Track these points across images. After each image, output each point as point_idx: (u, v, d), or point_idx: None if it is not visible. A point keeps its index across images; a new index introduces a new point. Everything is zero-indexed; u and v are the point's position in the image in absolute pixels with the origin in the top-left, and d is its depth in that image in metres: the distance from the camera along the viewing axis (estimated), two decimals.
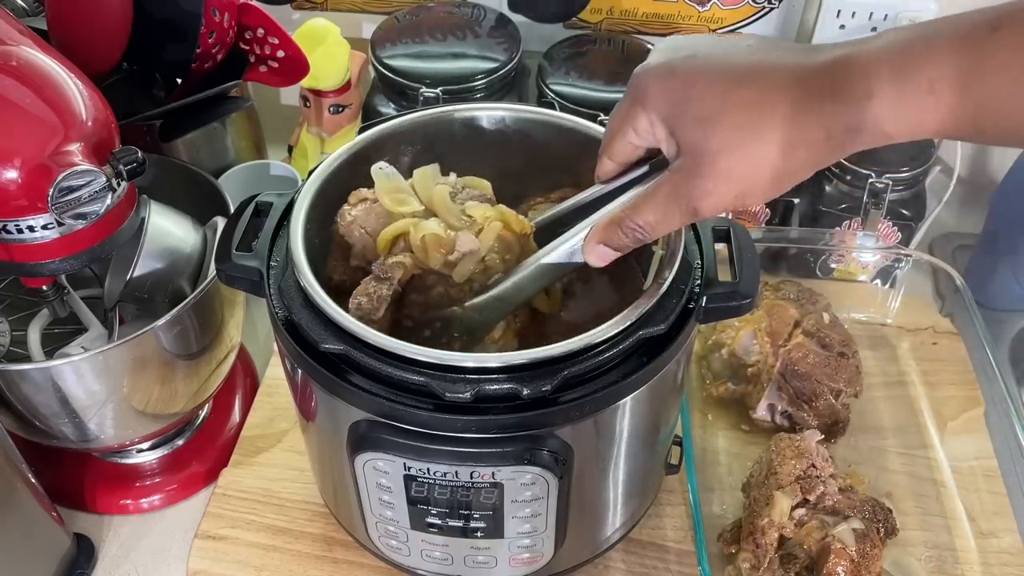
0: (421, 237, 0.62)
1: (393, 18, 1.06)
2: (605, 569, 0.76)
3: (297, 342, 0.58)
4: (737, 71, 0.49)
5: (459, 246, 0.62)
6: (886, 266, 0.97)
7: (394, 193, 0.65)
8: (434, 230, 0.62)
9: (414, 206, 0.64)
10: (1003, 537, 0.78)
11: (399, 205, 0.64)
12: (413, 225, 0.63)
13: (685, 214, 0.52)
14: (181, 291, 0.76)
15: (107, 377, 0.70)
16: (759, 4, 1.05)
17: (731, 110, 0.48)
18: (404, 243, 0.63)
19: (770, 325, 0.85)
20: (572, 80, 0.99)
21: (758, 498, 0.73)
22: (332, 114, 1.06)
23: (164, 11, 0.83)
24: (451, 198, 0.64)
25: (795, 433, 0.78)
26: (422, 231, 0.62)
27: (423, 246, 0.62)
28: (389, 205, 0.65)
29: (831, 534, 0.70)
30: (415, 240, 0.62)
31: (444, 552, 0.66)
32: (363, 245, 0.65)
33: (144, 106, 0.88)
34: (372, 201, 0.66)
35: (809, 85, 0.47)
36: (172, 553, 0.80)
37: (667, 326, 0.57)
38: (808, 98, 0.47)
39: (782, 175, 0.49)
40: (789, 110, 0.47)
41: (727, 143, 0.48)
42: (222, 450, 0.86)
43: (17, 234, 0.62)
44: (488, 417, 0.55)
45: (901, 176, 0.95)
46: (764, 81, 0.48)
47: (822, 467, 0.73)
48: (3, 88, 0.61)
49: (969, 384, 0.89)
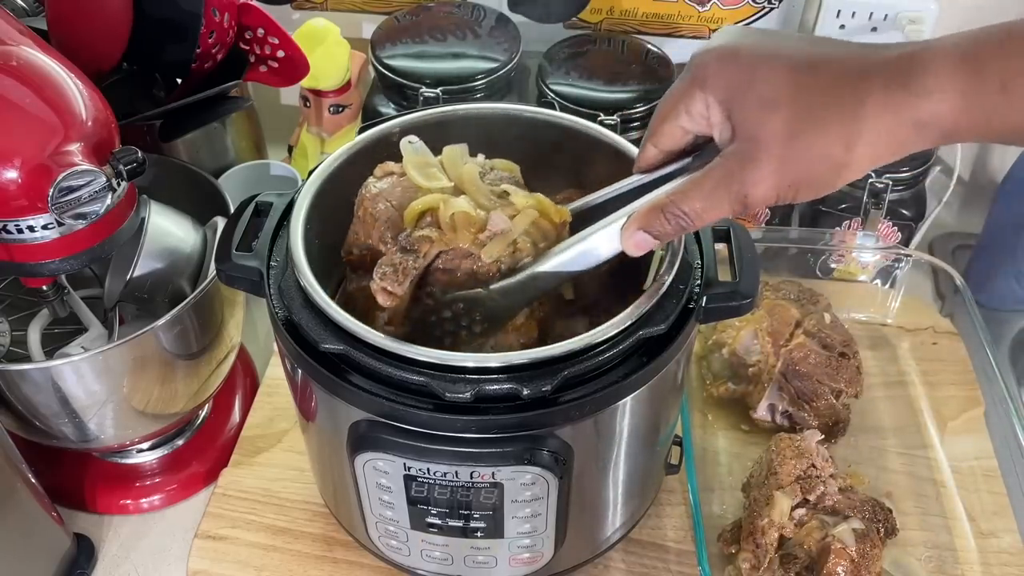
0: (451, 215, 0.60)
1: (393, 18, 1.06)
2: (605, 569, 0.76)
3: (297, 342, 0.58)
4: (804, 58, 0.48)
5: (491, 225, 0.60)
6: (886, 266, 0.97)
7: (423, 168, 0.64)
8: (464, 208, 0.61)
9: (443, 182, 0.63)
10: (1003, 537, 0.78)
11: (428, 180, 0.63)
12: (443, 201, 0.61)
13: (735, 202, 0.50)
14: (181, 291, 0.76)
15: (107, 377, 0.70)
16: (759, 4, 1.05)
17: (796, 96, 0.47)
18: (432, 218, 0.61)
19: (771, 325, 0.85)
20: (572, 80, 0.99)
21: (758, 498, 0.73)
22: (332, 114, 1.06)
23: (164, 11, 0.83)
24: (480, 178, 0.63)
25: (795, 433, 0.78)
26: (452, 208, 0.60)
27: (452, 223, 0.60)
28: (417, 179, 0.63)
29: (831, 534, 0.70)
30: (444, 217, 0.60)
31: (444, 552, 0.66)
32: (388, 218, 0.63)
33: (144, 106, 0.88)
34: (399, 175, 0.65)
35: (877, 78, 0.46)
36: (172, 553, 0.80)
37: (667, 326, 0.57)
38: (876, 90, 0.46)
39: (840, 167, 0.47)
40: (856, 101, 0.46)
41: (788, 129, 0.47)
42: (222, 450, 0.86)
43: (17, 234, 0.62)
44: (488, 417, 0.55)
45: (901, 176, 0.95)
46: (832, 70, 0.47)
47: (822, 467, 0.73)
48: (3, 88, 0.61)
49: (969, 384, 0.89)
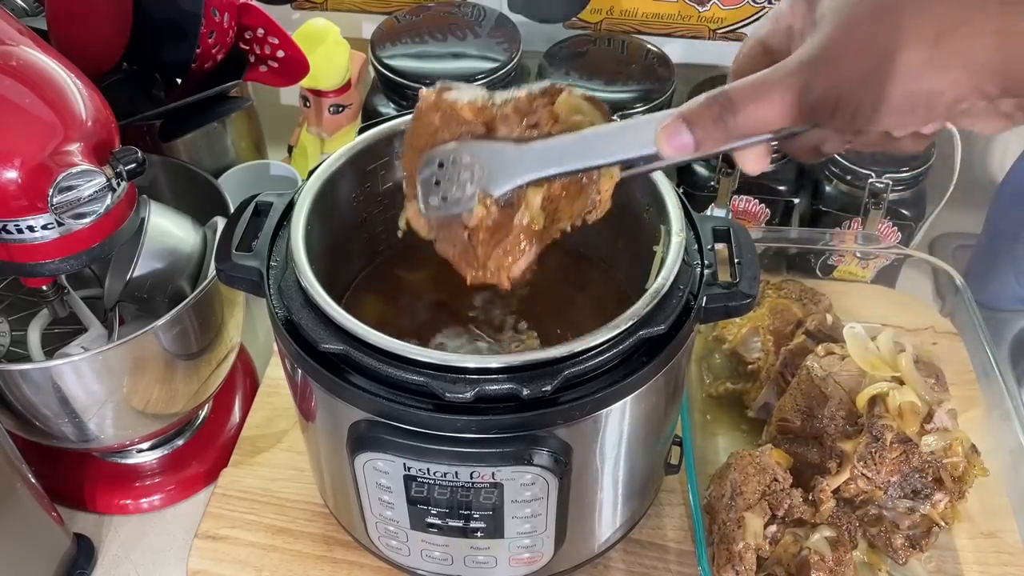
0: (898, 404, 0.71)
1: (393, 18, 1.06)
2: (605, 569, 0.76)
3: (297, 342, 0.58)
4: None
5: (936, 421, 0.72)
6: (886, 266, 0.97)
7: (864, 352, 0.76)
8: (911, 399, 0.72)
9: (887, 372, 0.75)
10: (1003, 537, 0.78)
11: (873, 368, 0.75)
12: (894, 389, 0.73)
13: (828, 115, 0.42)
14: (181, 291, 0.76)
15: (107, 377, 0.70)
16: (759, 4, 1.05)
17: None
18: (881, 404, 0.72)
19: (773, 323, 0.85)
20: (572, 80, 0.99)
21: (727, 521, 0.72)
22: (332, 114, 1.06)
23: (164, 11, 0.83)
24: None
25: (753, 449, 0.77)
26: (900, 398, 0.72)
27: (900, 411, 0.71)
28: (862, 366, 0.75)
29: (806, 547, 0.70)
30: (892, 405, 0.72)
31: (444, 552, 0.66)
32: (840, 398, 0.74)
33: (144, 106, 0.88)
34: (840, 356, 0.76)
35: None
36: (172, 553, 0.80)
37: (667, 326, 0.57)
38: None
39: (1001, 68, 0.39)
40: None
41: (930, 27, 0.39)
42: (222, 450, 0.86)
43: (17, 234, 0.62)
44: (488, 417, 0.55)
45: (901, 176, 0.95)
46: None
47: (784, 479, 0.73)
48: (3, 88, 0.61)
49: (969, 384, 0.88)
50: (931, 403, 0.72)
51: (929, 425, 0.71)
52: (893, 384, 0.73)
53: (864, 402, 0.73)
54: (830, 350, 0.77)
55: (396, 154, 0.71)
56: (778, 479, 0.72)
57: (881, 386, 0.73)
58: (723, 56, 1.10)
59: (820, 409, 0.75)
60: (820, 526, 0.72)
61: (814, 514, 0.72)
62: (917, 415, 0.71)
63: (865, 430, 0.71)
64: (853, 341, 0.77)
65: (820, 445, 0.75)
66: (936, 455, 0.71)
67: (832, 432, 0.74)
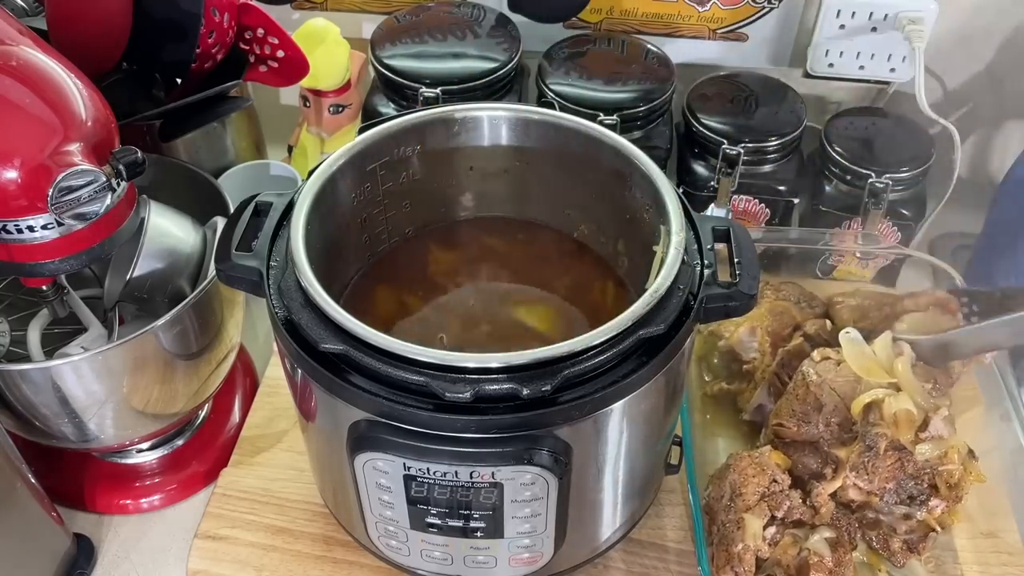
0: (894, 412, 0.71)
1: (393, 18, 1.06)
2: (605, 569, 0.76)
3: (297, 342, 0.58)
4: None
5: (932, 429, 0.70)
6: (886, 266, 0.97)
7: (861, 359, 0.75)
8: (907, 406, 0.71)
9: (884, 378, 0.74)
10: (1003, 537, 0.78)
11: (868, 374, 0.74)
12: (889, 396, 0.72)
13: None
14: (181, 291, 0.76)
15: (107, 377, 0.70)
16: (759, 4, 1.05)
17: None
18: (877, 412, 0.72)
19: (771, 324, 0.85)
20: (572, 80, 0.99)
21: (726, 523, 0.72)
22: (332, 114, 1.06)
23: (164, 11, 0.82)
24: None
25: (753, 449, 0.77)
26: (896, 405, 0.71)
27: (895, 419, 0.71)
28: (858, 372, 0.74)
29: (805, 548, 0.70)
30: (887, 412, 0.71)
31: (444, 552, 0.66)
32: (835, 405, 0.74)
33: (144, 106, 0.88)
34: (836, 361, 0.76)
35: None
36: (172, 553, 0.80)
37: (667, 326, 0.57)
38: None
39: None
40: None
41: None
42: (222, 450, 0.86)
43: (17, 234, 0.62)
44: (488, 417, 0.55)
45: (901, 176, 0.95)
46: None
47: (783, 480, 0.73)
48: (3, 88, 0.60)
49: (969, 384, 0.88)
50: (927, 409, 0.72)
51: (924, 433, 0.71)
52: (889, 391, 0.73)
53: (859, 409, 0.73)
54: (826, 355, 0.77)
55: (396, 154, 0.71)
56: (777, 480, 0.72)
57: (876, 393, 0.73)
58: (723, 56, 1.10)
59: (815, 415, 0.74)
60: (820, 527, 0.71)
61: (813, 516, 0.72)
62: (912, 423, 0.71)
63: (859, 438, 0.71)
64: (849, 346, 0.77)
65: (816, 450, 0.75)
66: (931, 463, 0.71)
67: (827, 438, 0.73)
